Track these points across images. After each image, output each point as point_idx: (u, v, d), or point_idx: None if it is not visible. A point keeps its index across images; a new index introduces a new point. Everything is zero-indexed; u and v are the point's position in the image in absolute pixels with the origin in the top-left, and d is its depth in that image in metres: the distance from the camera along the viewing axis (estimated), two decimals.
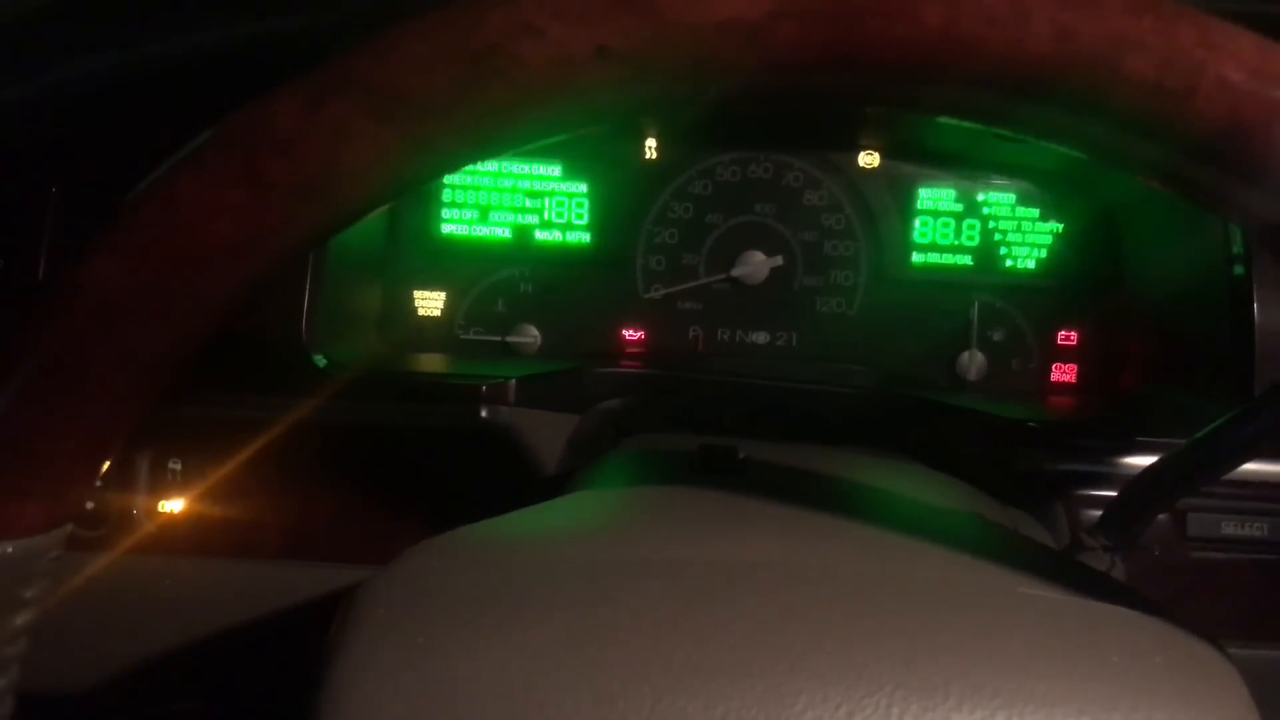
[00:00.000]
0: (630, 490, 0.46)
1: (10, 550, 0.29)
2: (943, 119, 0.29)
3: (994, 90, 0.27)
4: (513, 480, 0.60)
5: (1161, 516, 0.58)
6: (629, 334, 0.75)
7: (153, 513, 0.58)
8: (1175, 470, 0.45)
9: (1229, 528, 0.57)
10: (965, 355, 0.74)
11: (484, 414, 0.59)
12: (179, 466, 0.58)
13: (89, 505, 0.57)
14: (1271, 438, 0.42)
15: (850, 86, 0.27)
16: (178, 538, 0.59)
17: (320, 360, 0.60)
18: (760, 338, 0.76)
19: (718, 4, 0.25)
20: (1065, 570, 0.39)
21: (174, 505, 0.58)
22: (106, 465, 0.31)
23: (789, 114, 0.71)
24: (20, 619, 0.31)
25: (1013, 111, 0.28)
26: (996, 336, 0.75)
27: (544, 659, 0.32)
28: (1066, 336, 0.75)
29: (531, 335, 0.74)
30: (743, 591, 0.35)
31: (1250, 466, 0.57)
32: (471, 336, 0.75)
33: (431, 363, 0.70)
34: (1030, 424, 0.61)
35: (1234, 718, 0.32)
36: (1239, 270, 0.61)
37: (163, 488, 0.58)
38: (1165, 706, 0.31)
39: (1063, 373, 0.75)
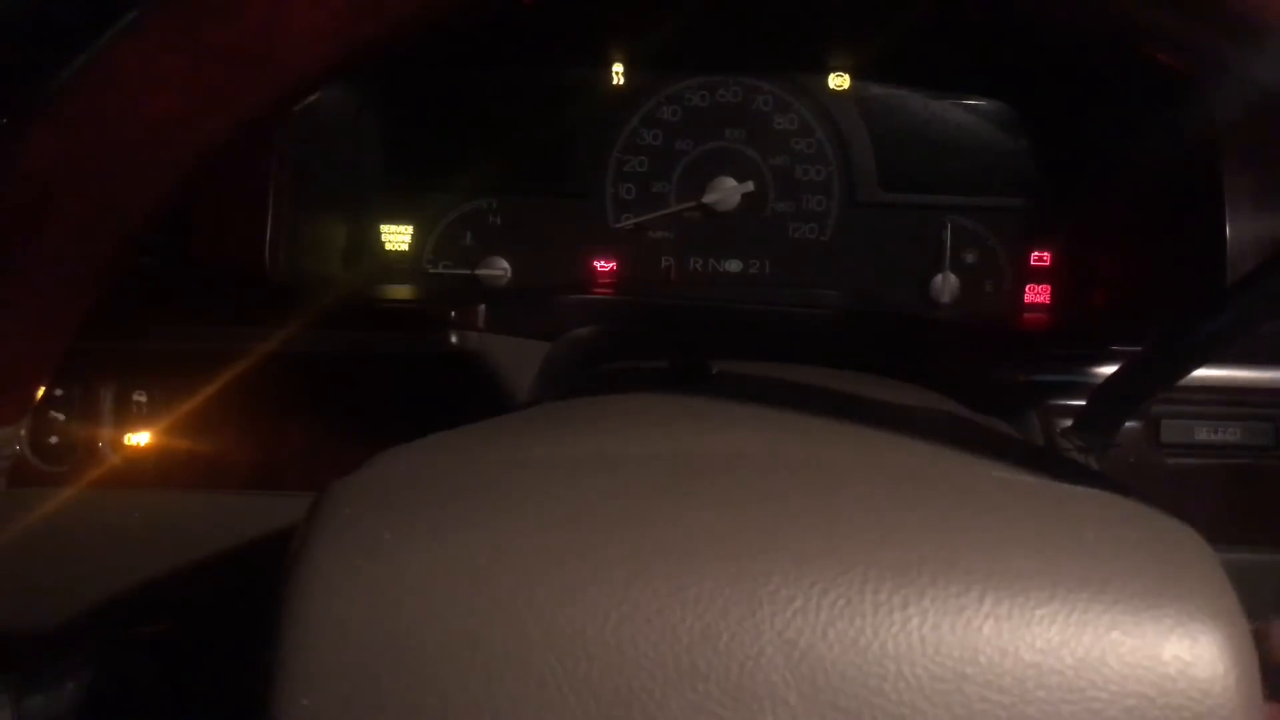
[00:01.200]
0: (600, 398, 0.46)
1: None
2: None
3: None
4: (483, 408, 0.59)
5: (1136, 424, 0.58)
6: (600, 265, 0.75)
7: (118, 445, 0.59)
8: (1143, 369, 0.45)
9: (1202, 433, 0.58)
10: (939, 278, 0.74)
11: (453, 339, 0.58)
12: (144, 399, 0.58)
13: (53, 440, 0.56)
14: (1232, 334, 0.42)
15: None
16: (144, 470, 0.59)
17: (283, 287, 0.59)
18: (733, 265, 0.76)
19: None
20: (1038, 456, 0.40)
21: (140, 438, 0.58)
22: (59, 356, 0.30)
23: (757, 35, 0.71)
24: None
25: None
26: (969, 258, 0.75)
27: (513, 548, 0.32)
28: (1039, 257, 0.75)
29: (501, 268, 0.74)
30: (713, 480, 0.35)
31: (1222, 372, 0.58)
32: (440, 270, 0.74)
33: (399, 293, 0.70)
34: (1003, 335, 0.61)
35: (1206, 588, 0.32)
36: (1209, 182, 0.61)
37: (128, 420, 0.58)
38: (1138, 578, 0.32)
39: (1036, 293, 0.75)
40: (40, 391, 0.31)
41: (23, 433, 0.31)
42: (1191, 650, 0.30)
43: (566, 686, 0.30)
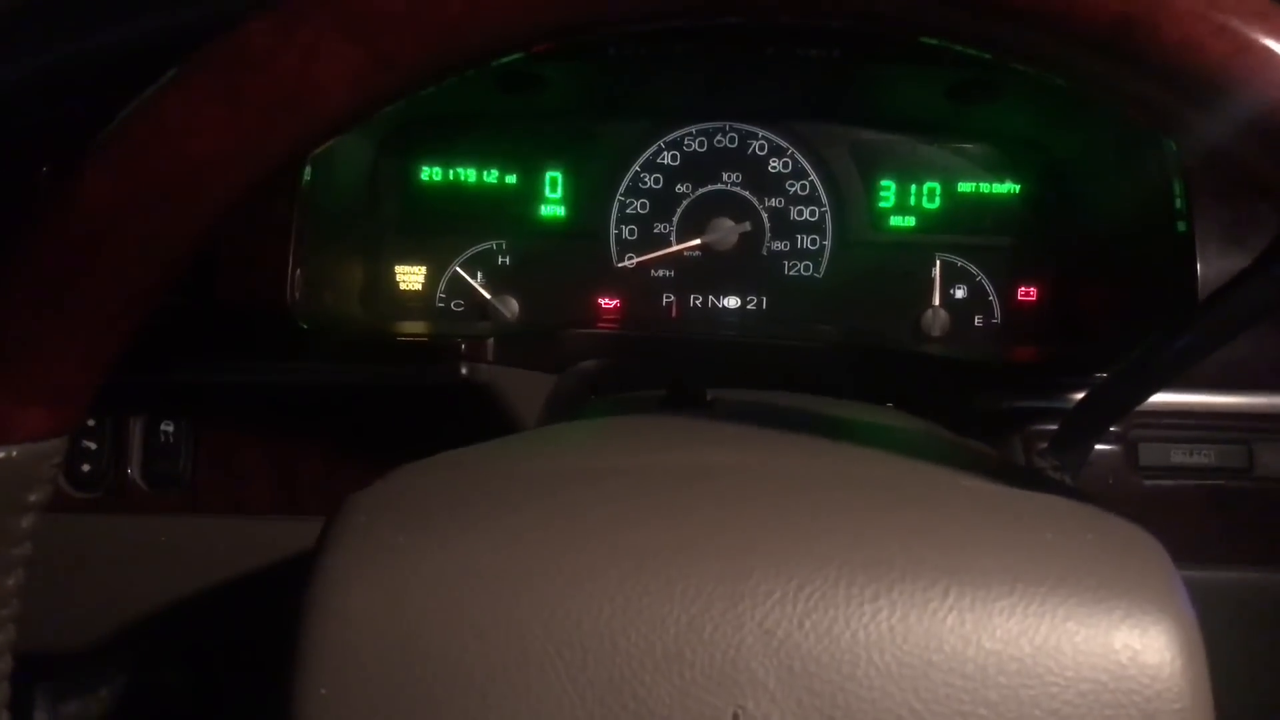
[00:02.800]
0: (601, 420, 0.49)
1: (15, 454, 0.32)
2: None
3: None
4: (492, 436, 0.62)
5: (1115, 447, 0.61)
6: (604, 302, 0.78)
7: (146, 474, 0.61)
8: (1111, 391, 0.48)
9: (1178, 456, 0.60)
10: (929, 313, 0.77)
11: (464, 371, 0.61)
12: (171, 429, 0.60)
13: (85, 468, 0.59)
14: (1191, 356, 0.44)
15: (783, 9, 0.30)
16: (170, 497, 0.61)
17: (305, 325, 0.62)
18: (731, 302, 0.79)
19: None
20: (1007, 470, 0.42)
21: (166, 467, 0.61)
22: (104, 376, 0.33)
23: (752, 84, 0.75)
24: (25, 521, 0.33)
25: (924, 15, 0.30)
26: (959, 294, 0.78)
27: (514, 550, 0.35)
28: (1026, 293, 0.78)
29: (511, 306, 0.77)
30: (701, 488, 0.38)
31: (1197, 398, 0.61)
32: (452, 308, 0.78)
33: (413, 328, 0.73)
34: (987, 366, 0.64)
35: (1156, 583, 0.34)
36: (1182, 226, 0.63)
37: (156, 450, 0.61)
38: (1093, 574, 0.34)
39: (1022, 327, 0.78)
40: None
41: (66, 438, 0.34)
42: (1141, 639, 0.33)
43: (565, 674, 0.33)
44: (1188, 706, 0.32)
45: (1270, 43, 0.28)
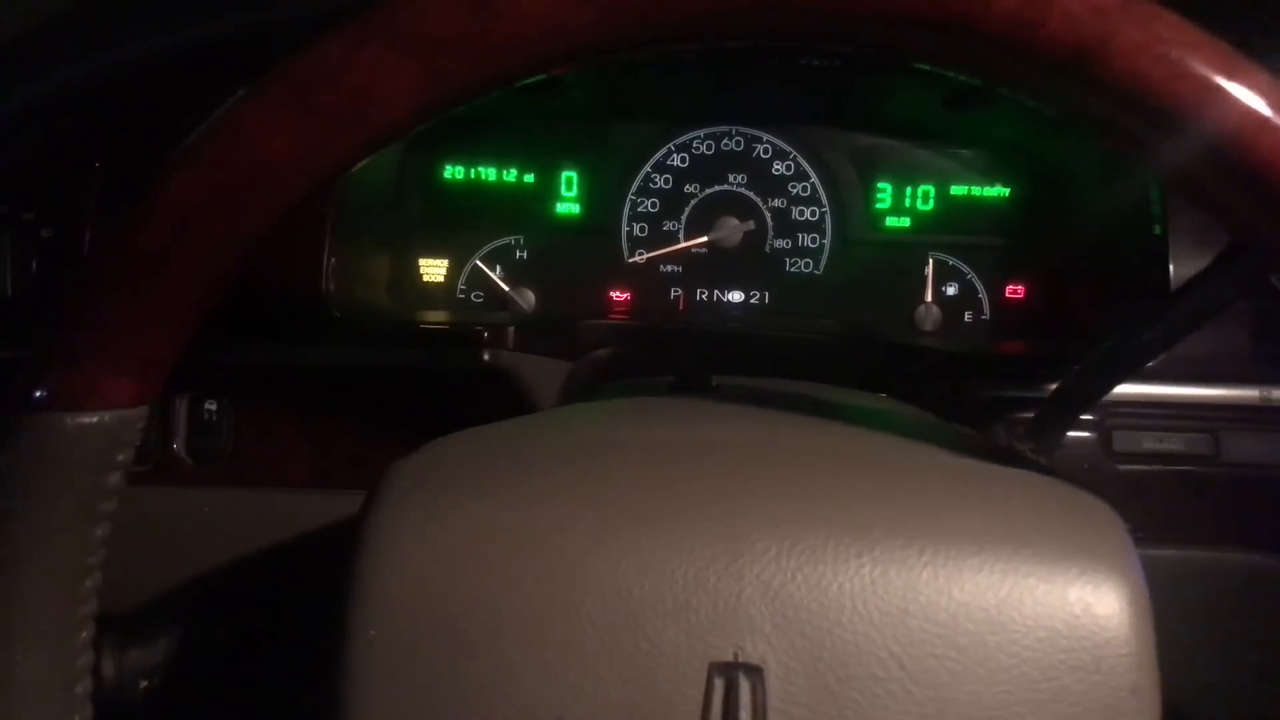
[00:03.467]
0: (615, 401, 0.53)
1: (109, 419, 0.36)
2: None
3: (893, 25, 0.33)
4: (513, 418, 0.66)
5: (1091, 435, 0.65)
6: (616, 295, 0.82)
7: (191, 449, 0.65)
8: (1086, 377, 0.52)
9: (1149, 443, 0.64)
10: (922, 308, 0.80)
11: (486, 357, 0.65)
12: (214, 408, 0.65)
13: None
14: (1155, 347, 0.48)
15: (781, 25, 0.34)
16: (213, 471, 0.65)
17: (338, 313, 0.66)
18: (736, 297, 0.82)
19: None
20: (983, 447, 0.46)
21: (209, 442, 0.65)
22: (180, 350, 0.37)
23: (757, 90, 0.78)
24: (113, 479, 0.37)
25: (913, 44, 0.34)
26: (950, 291, 0.81)
27: (541, 511, 0.38)
28: (1014, 290, 0.81)
29: (527, 298, 0.81)
30: (706, 459, 0.42)
31: (1167, 389, 0.64)
32: (472, 299, 0.82)
33: (437, 317, 0.77)
34: (975, 357, 0.68)
35: (1108, 544, 0.38)
36: (1157, 229, 0.67)
37: (199, 428, 0.65)
38: (1052, 536, 0.38)
39: (1011, 323, 0.82)
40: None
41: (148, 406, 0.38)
42: (1094, 593, 0.36)
43: (586, 619, 0.36)
44: (1133, 652, 0.36)
45: (1205, 71, 0.32)
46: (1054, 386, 0.62)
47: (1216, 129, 0.31)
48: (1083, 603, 0.36)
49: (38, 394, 0.35)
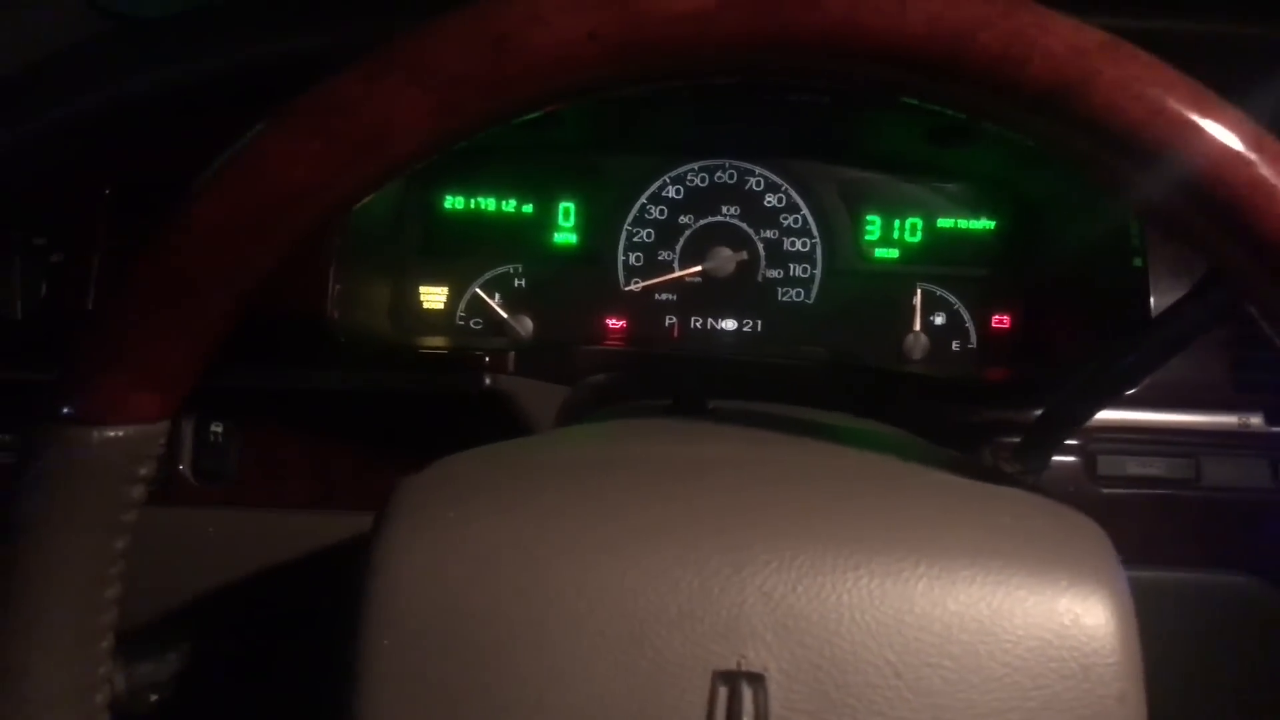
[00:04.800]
0: (617, 422, 0.55)
1: (132, 433, 0.37)
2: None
3: (887, 64, 0.35)
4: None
5: (1076, 459, 0.66)
6: (612, 323, 0.83)
7: (196, 470, 0.66)
8: (1070, 401, 0.54)
9: (1132, 467, 0.65)
10: (910, 337, 0.82)
11: (487, 381, 0.67)
12: (220, 430, 0.66)
13: None
14: (1136, 373, 0.50)
15: (781, 62, 0.36)
16: (217, 491, 0.66)
17: (342, 338, 0.68)
18: (729, 325, 0.84)
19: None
20: (973, 468, 0.48)
21: (214, 463, 0.66)
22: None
23: (750, 125, 0.81)
24: (135, 491, 0.38)
25: (904, 80, 0.36)
26: (938, 320, 0.83)
27: (550, 524, 0.40)
28: (1000, 320, 0.83)
29: (525, 325, 0.82)
30: (709, 476, 0.43)
31: (1150, 416, 0.66)
32: (471, 326, 0.83)
33: (437, 342, 0.79)
34: (962, 383, 0.70)
35: (1095, 558, 0.40)
36: (1138, 261, 0.69)
37: (205, 448, 0.66)
38: (1041, 550, 0.39)
39: (997, 352, 0.84)
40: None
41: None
42: (1082, 604, 0.38)
43: (593, 628, 0.37)
44: (1119, 661, 0.37)
45: (1180, 108, 0.33)
46: (1039, 412, 0.64)
47: (1191, 163, 0.33)
48: (1071, 614, 0.38)
49: (65, 409, 0.36)
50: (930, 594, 0.38)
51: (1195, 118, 0.33)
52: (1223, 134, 0.33)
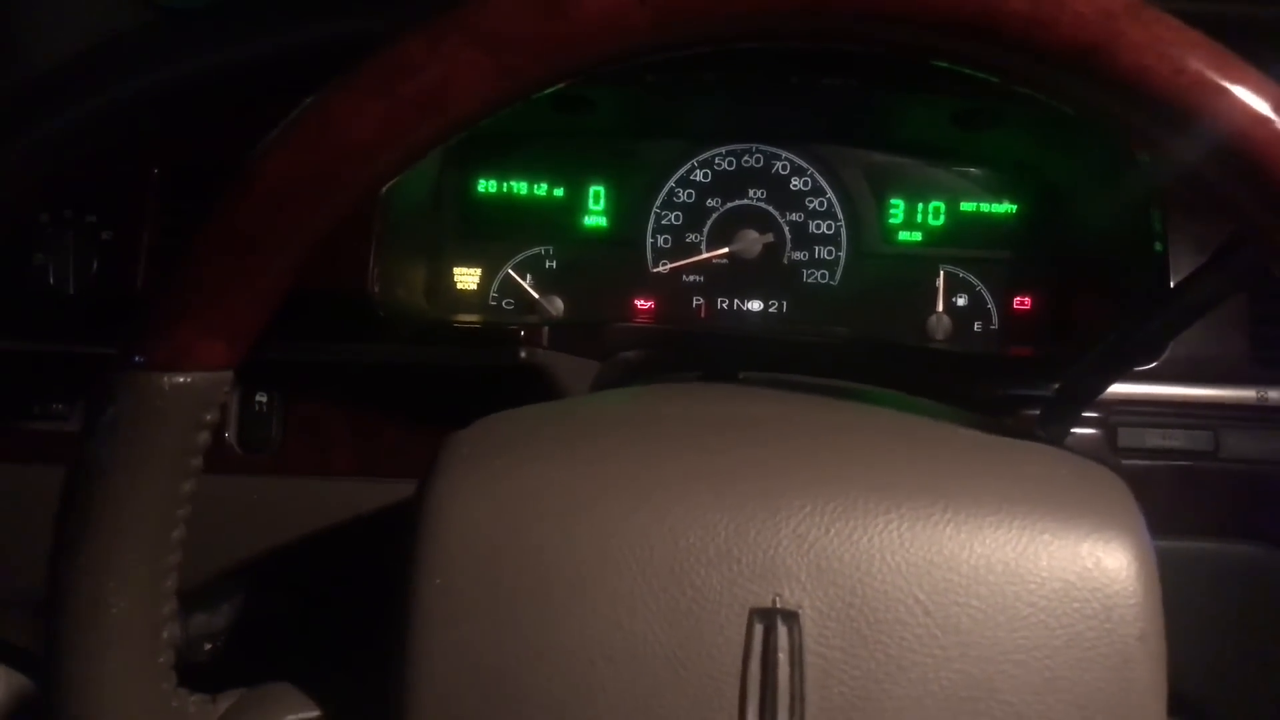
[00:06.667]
0: (653, 386, 0.57)
1: (200, 379, 0.39)
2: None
3: (920, 30, 0.37)
4: None
5: (1097, 432, 0.68)
6: (640, 303, 0.85)
7: (241, 439, 0.69)
8: (1091, 370, 0.55)
9: (1152, 440, 0.67)
10: (933, 318, 0.84)
11: (522, 354, 0.69)
12: (264, 400, 0.68)
13: None
14: (1154, 343, 0.51)
15: (820, 26, 0.37)
16: (262, 460, 0.69)
17: (382, 314, 0.70)
18: (755, 305, 0.86)
19: None
20: (998, 425, 0.49)
21: (259, 433, 0.68)
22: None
23: (777, 109, 0.82)
24: (201, 436, 0.40)
25: (937, 44, 0.37)
26: (960, 302, 0.85)
27: (593, 472, 0.42)
28: (1021, 301, 0.85)
29: (556, 305, 0.84)
30: (745, 429, 0.45)
31: (1170, 389, 0.68)
32: (504, 306, 0.85)
33: (472, 318, 0.81)
34: (985, 358, 0.71)
35: (1116, 505, 0.41)
36: (1158, 246, 0.70)
37: (250, 419, 0.68)
38: (1065, 498, 0.41)
39: (1019, 333, 0.85)
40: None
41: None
42: (1104, 548, 0.39)
43: (636, 567, 0.39)
44: (1140, 602, 0.39)
45: (1205, 69, 0.34)
46: (1060, 383, 0.66)
47: (1216, 124, 0.34)
48: (1094, 557, 0.39)
49: (137, 357, 0.38)
50: (958, 537, 0.39)
51: (1219, 79, 0.34)
52: (1247, 95, 0.34)
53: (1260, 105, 0.34)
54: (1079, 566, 0.39)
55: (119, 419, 0.38)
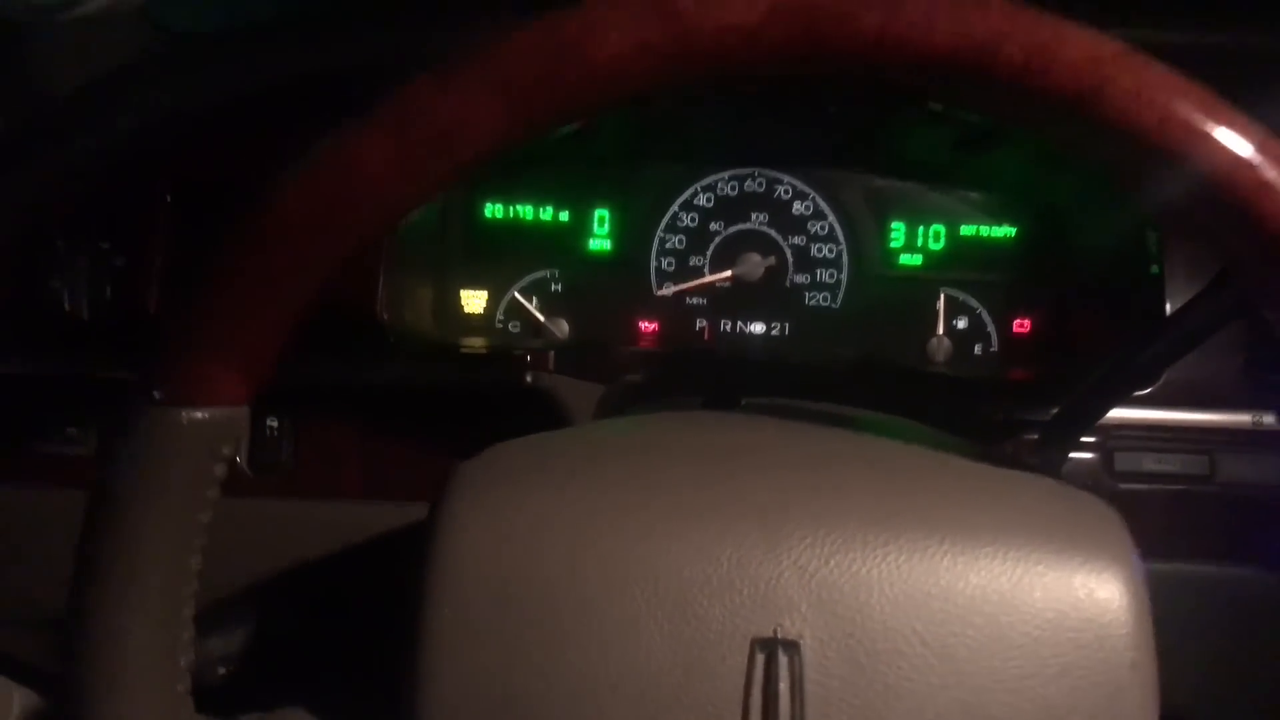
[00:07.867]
0: (656, 414, 0.58)
1: (218, 414, 0.39)
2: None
3: (919, 72, 0.38)
4: None
5: (1094, 456, 0.69)
6: (645, 326, 0.86)
7: (252, 462, 0.69)
8: (1088, 396, 0.56)
9: (1149, 463, 0.67)
10: (934, 341, 0.84)
11: (528, 378, 0.70)
12: (275, 424, 0.69)
13: None
14: (1152, 369, 0.52)
15: (817, 70, 0.38)
16: (273, 482, 0.69)
17: (392, 337, 0.71)
18: (758, 328, 0.86)
19: (726, 12, 0.36)
20: (994, 456, 0.50)
21: (270, 456, 0.69)
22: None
23: (779, 134, 0.83)
24: (218, 469, 0.41)
25: (934, 88, 0.38)
26: (960, 325, 0.85)
27: (599, 502, 0.42)
28: (1021, 324, 0.85)
29: (561, 327, 0.86)
30: (747, 459, 0.46)
31: (1165, 414, 0.68)
32: (510, 328, 0.86)
33: (479, 342, 0.82)
34: (985, 382, 0.72)
35: (1109, 537, 0.42)
36: (1155, 269, 0.71)
37: (261, 441, 0.69)
38: (1059, 529, 0.42)
39: (1017, 355, 0.86)
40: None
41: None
42: (1097, 580, 0.40)
43: (640, 597, 0.40)
44: (1132, 631, 0.40)
45: (1191, 114, 0.35)
46: (1058, 409, 0.67)
47: (1200, 167, 0.35)
48: (1086, 588, 0.40)
49: (156, 392, 0.39)
50: (954, 569, 0.40)
51: (1203, 123, 0.35)
52: (1230, 139, 0.34)
53: (1244, 150, 0.35)
54: (1072, 597, 0.40)
55: (138, 454, 0.39)
